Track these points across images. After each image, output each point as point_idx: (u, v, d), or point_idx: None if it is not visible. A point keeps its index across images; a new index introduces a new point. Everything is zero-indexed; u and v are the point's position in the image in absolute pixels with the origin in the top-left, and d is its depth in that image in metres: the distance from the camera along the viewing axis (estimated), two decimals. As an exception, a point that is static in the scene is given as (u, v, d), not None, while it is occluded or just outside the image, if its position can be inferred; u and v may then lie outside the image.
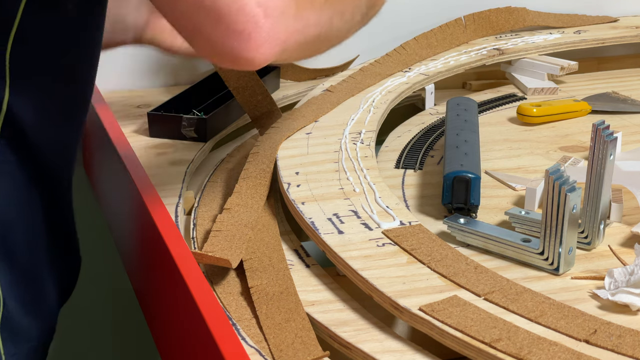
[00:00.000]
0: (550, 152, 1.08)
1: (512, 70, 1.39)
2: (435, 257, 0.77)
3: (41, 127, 0.83)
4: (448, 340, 0.67)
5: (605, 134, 0.81)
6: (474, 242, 0.83)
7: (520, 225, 0.86)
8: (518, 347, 0.64)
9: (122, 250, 1.07)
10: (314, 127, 1.07)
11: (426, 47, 1.35)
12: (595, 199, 0.82)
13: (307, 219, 0.85)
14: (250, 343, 0.71)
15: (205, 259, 0.80)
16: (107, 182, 1.17)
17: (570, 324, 0.67)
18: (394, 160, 1.07)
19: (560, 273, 0.78)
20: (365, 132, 1.05)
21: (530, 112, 1.17)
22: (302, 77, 1.38)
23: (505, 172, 1.02)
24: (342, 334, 0.71)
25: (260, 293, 0.77)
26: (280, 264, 0.82)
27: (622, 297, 0.71)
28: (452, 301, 0.70)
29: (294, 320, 0.73)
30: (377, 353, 0.69)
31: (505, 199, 0.95)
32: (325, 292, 0.78)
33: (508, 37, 1.45)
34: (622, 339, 0.65)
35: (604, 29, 1.52)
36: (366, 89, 1.20)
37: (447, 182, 0.88)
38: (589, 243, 0.83)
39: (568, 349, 0.64)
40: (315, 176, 0.94)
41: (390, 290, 0.72)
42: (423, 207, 0.94)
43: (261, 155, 1.00)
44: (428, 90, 1.28)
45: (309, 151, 1.00)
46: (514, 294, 0.71)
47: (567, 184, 0.75)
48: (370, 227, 0.83)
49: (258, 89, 1.20)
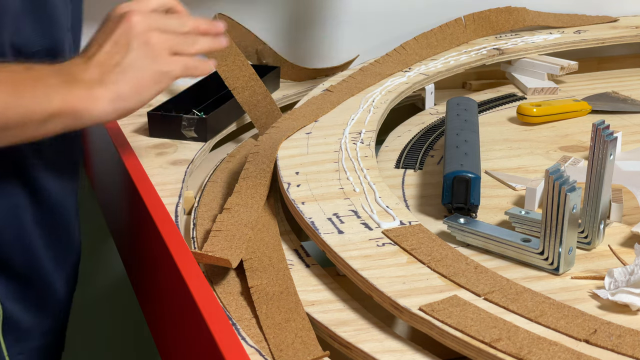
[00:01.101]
0: (550, 152, 1.08)
1: (512, 70, 1.39)
2: (435, 257, 0.77)
3: None
4: (448, 340, 0.67)
5: (605, 134, 0.81)
6: (474, 242, 0.83)
7: (520, 225, 0.86)
8: (518, 347, 0.64)
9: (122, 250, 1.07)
10: (314, 127, 1.07)
11: (426, 47, 1.35)
12: (595, 199, 0.82)
13: (307, 219, 0.85)
14: (250, 343, 0.71)
15: (205, 259, 0.80)
16: (107, 182, 1.17)
17: (570, 323, 0.67)
18: (394, 160, 1.07)
19: (560, 273, 0.78)
20: (365, 132, 1.05)
21: (530, 112, 1.17)
22: (302, 77, 1.38)
23: (505, 172, 1.02)
24: (342, 334, 0.71)
25: (260, 293, 0.77)
26: (280, 264, 0.82)
27: (622, 297, 0.71)
28: (452, 301, 0.70)
29: (294, 320, 0.73)
30: (377, 353, 0.69)
31: (505, 199, 0.95)
32: (325, 292, 0.78)
33: (508, 37, 1.45)
34: (622, 339, 0.65)
35: (604, 28, 1.52)
36: (366, 89, 1.20)
37: (447, 182, 0.88)
38: (589, 243, 0.83)
39: (568, 349, 0.64)
40: (315, 176, 0.94)
41: (390, 290, 0.72)
42: (423, 207, 0.94)
43: (261, 155, 1.00)
44: (428, 90, 1.28)
45: (309, 151, 1.00)
46: (514, 294, 0.71)
47: (567, 184, 0.75)
48: (370, 227, 0.83)
49: (258, 89, 1.20)
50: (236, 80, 1.20)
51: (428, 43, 1.36)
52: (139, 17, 0.83)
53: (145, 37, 0.82)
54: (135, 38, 0.82)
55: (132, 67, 0.81)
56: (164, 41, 0.83)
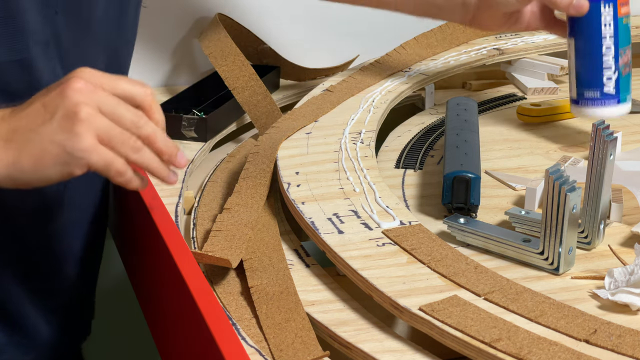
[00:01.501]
0: (550, 152, 1.08)
1: (512, 70, 1.39)
2: (435, 257, 0.77)
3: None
4: (448, 340, 0.67)
5: (605, 134, 0.81)
6: (474, 242, 0.83)
7: (520, 225, 0.86)
8: (518, 347, 0.64)
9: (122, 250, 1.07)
10: (314, 127, 1.07)
11: (426, 47, 1.35)
12: (595, 199, 0.82)
13: (307, 219, 0.85)
14: (250, 343, 0.71)
15: (205, 258, 0.80)
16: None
17: (570, 323, 0.67)
18: (394, 160, 1.07)
19: (560, 273, 0.78)
20: (365, 132, 1.05)
21: (530, 112, 1.17)
22: (302, 77, 1.38)
23: (505, 172, 1.02)
24: (342, 334, 0.71)
25: (260, 293, 0.77)
26: (280, 264, 0.82)
27: (622, 297, 0.71)
28: (452, 301, 0.70)
29: (294, 320, 0.73)
30: (377, 353, 0.69)
31: (505, 199, 0.95)
32: (325, 292, 0.78)
33: (508, 37, 1.45)
34: (622, 339, 0.65)
35: (604, 29, 1.52)
36: (366, 89, 1.20)
37: (447, 182, 0.88)
38: (589, 243, 0.83)
39: (568, 349, 0.64)
40: (315, 176, 0.94)
41: (390, 290, 0.72)
42: (423, 207, 0.94)
43: (261, 155, 1.00)
44: (428, 90, 1.28)
45: (309, 151, 1.00)
46: (514, 294, 0.71)
47: (567, 184, 0.75)
48: (370, 227, 0.83)
49: (258, 89, 1.20)
50: (236, 80, 1.20)
51: (428, 43, 1.36)
52: (82, 85, 0.69)
53: (74, 109, 0.68)
54: (63, 107, 0.68)
55: (42, 138, 0.68)
56: (97, 123, 0.68)
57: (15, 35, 0.80)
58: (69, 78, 0.69)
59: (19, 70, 0.80)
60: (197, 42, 1.34)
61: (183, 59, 1.38)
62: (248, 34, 1.35)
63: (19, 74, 0.80)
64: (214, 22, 1.30)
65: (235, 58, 1.23)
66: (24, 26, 0.80)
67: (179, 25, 1.37)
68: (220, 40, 1.26)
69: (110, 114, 0.69)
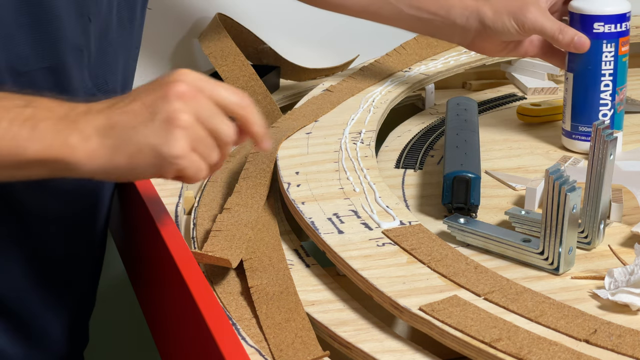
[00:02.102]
0: (550, 152, 1.08)
1: (512, 70, 1.39)
2: (435, 257, 0.77)
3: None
4: (448, 340, 0.67)
5: (605, 134, 0.81)
6: (474, 242, 0.83)
7: (520, 225, 0.86)
8: (518, 347, 0.64)
9: (122, 250, 1.07)
10: (314, 127, 1.07)
11: (426, 47, 1.35)
12: (595, 199, 0.82)
13: (307, 219, 0.85)
14: (250, 343, 0.71)
15: (205, 258, 0.80)
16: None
17: (570, 323, 0.67)
18: (394, 160, 1.07)
19: (560, 273, 0.78)
20: (365, 132, 1.05)
21: (530, 112, 1.17)
22: (302, 77, 1.38)
23: (505, 172, 1.02)
24: (342, 334, 0.71)
25: (260, 293, 0.77)
26: (280, 264, 0.82)
27: (622, 297, 0.71)
28: (452, 301, 0.70)
29: (294, 320, 0.73)
30: (377, 353, 0.69)
31: (505, 199, 0.95)
32: (325, 292, 0.78)
33: (508, 37, 1.45)
34: (622, 339, 0.65)
35: (604, 29, 1.52)
36: (366, 89, 1.20)
37: (447, 182, 0.88)
38: (589, 243, 0.83)
39: (568, 349, 0.64)
40: (315, 176, 0.94)
41: (390, 290, 0.72)
42: (423, 207, 0.94)
43: (261, 155, 1.00)
44: (428, 90, 1.28)
45: (309, 151, 1.00)
46: (514, 294, 0.71)
47: (567, 184, 0.75)
48: (370, 227, 0.83)
49: (258, 89, 1.20)
50: (236, 80, 1.20)
51: (428, 43, 1.36)
52: (185, 90, 0.70)
53: (174, 115, 0.69)
54: (164, 111, 0.69)
55: (139, 138, 0.69)
56: (193, 132, 0.70)
57: (49, 41, 0.80)
58: (172, 81, 0.70)
59: (51, 76, 0.81)
60: (197, 42, 1.34)
61: (183, 59, 1.38)
62: (248, 34, 1.35)
63: (50, 80, 0.80)
64: (214, 22, 1.30)
65: (235, 58, 1.23)
66: (58, 33, 0.80)
67: (179, 25, 1.37)
68: (220, 40, 1.26)
69: (207, 124, 0.71)
